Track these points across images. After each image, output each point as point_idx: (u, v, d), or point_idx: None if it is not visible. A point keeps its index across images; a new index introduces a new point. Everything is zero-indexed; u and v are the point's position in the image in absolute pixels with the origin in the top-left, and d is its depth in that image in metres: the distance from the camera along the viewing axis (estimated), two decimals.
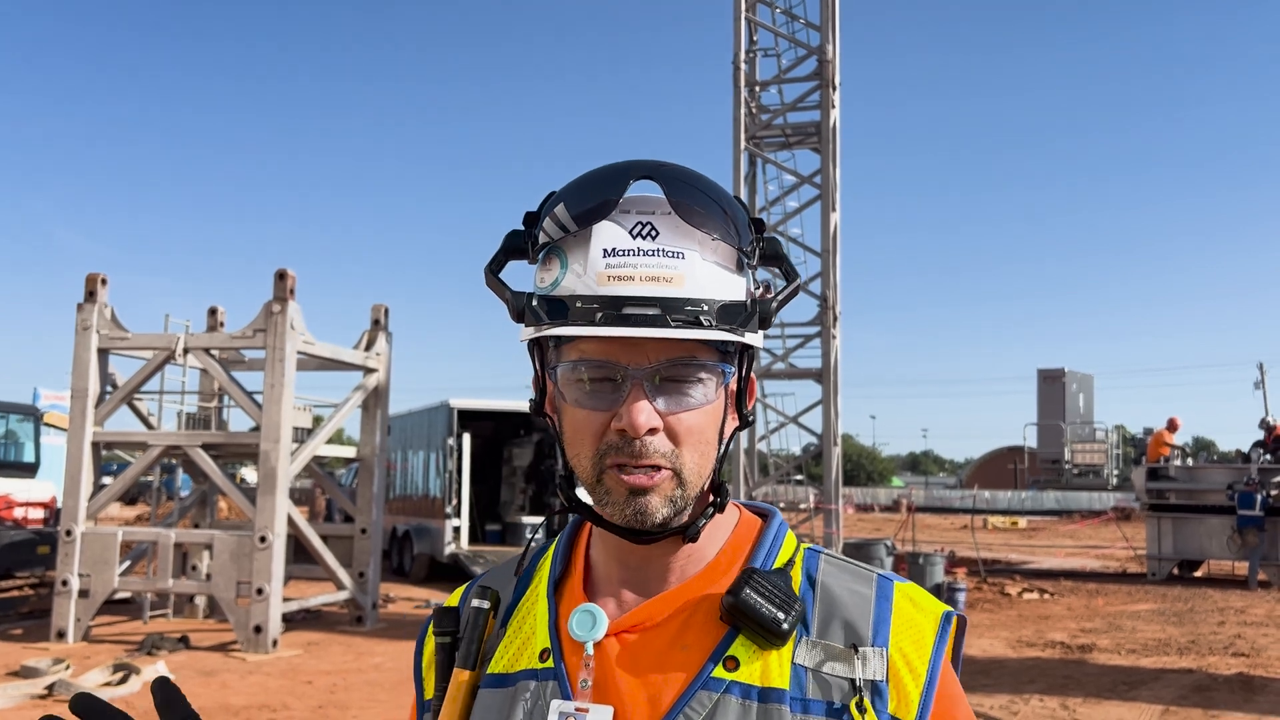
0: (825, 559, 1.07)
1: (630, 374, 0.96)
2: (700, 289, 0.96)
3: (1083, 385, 25.17)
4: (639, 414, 0.95)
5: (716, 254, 0.98)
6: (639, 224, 0.97)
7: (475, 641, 1.07)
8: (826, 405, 15.66)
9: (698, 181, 1.00)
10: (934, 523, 36.50)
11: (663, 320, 0.94)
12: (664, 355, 0.96)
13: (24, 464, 14.43)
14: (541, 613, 1.07)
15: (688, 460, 0.98)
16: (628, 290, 0.95)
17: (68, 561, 10.98)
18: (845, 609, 1.01)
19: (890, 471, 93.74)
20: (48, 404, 21.19)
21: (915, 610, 1.03)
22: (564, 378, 1.00)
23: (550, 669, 1.03)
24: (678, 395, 0.98)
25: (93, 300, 11.40)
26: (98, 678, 8.74)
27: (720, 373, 1.00)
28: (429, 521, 17.73)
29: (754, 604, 0.97)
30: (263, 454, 10.90)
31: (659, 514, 0.98)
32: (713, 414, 1.00)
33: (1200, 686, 9.17)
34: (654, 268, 0.95)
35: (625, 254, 0.96)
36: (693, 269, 0.96)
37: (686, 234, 0.97)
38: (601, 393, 0.98)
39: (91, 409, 11.33)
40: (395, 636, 11.69)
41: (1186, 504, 18.00)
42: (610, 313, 0.94)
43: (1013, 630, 12.41)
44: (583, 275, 0.97)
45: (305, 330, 11.39)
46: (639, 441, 0.96)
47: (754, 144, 16.71)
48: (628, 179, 0.98)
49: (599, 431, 0.98)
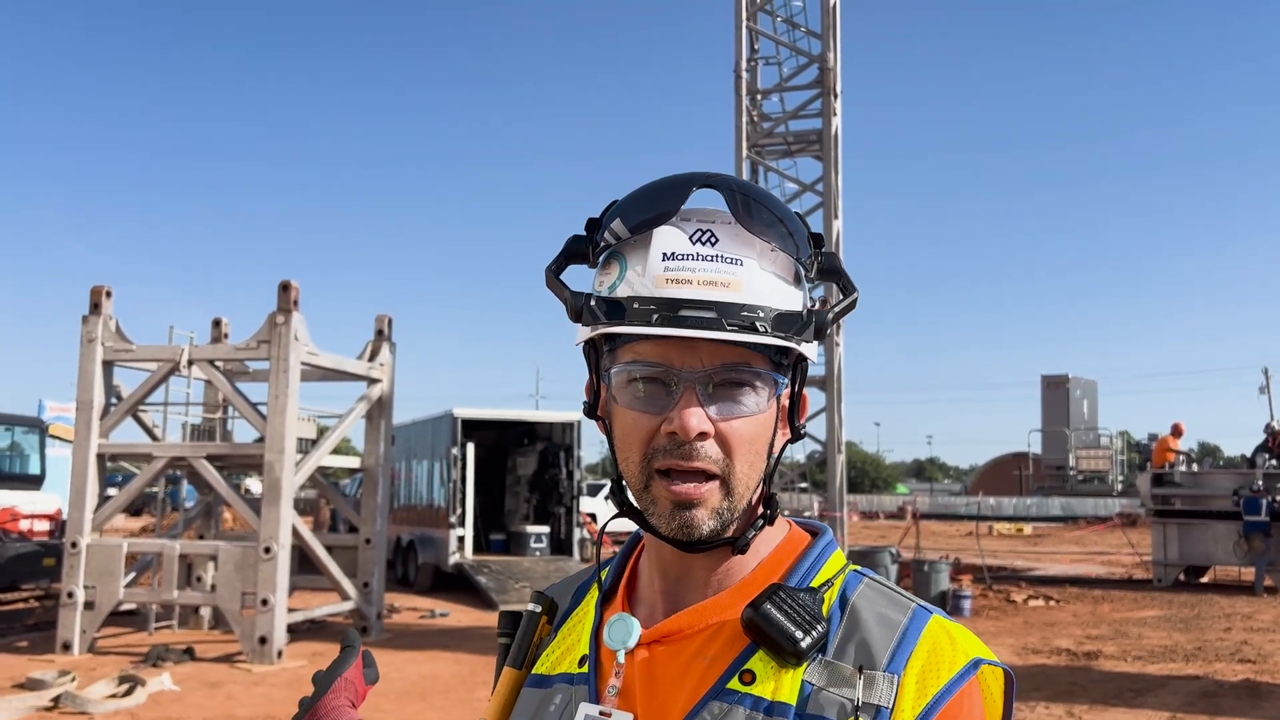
0: (868, 583, 1.04)
1: (684, 376, 0.97)
2: (757, 296, 0.97)
3: (1087, 391, 25.08)
4: (690, 417, 0.96)
5: (775, 264, 0.99)
6: (699, 230, 0.99)
7: (525, 643, 1.12)
8: (830, 412, 15.66)
9: (759, 193, 1.01)
10: (939, 530, 36.44)
11: (718, 323, 0.94)
12: (719, 359, 0.97)
13: (29, 476, 14.46)
14: (588, 621, 1.11)
15: (738, 469, 0.99)
16: (685, 293, 0.96)
17: (73, 573, 11.00)
18: (866, 632, 0.99)
19: (895, 478, 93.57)
20: (53, 416, 21.25)
21: (946, 644, 0.98)
22: (617, 381, 1.01)
23: (584, 674, 1.06)
24: (730, 402, 0.98)
25: (98, 312, 11.43)
26: (103, 690, 8.75)
27: (774, 383, 1.00)
28: (433, 531, 17.73)
29: (773, 619, 0.96)
30: (267, 465, 10.92)
31: (705, 526, 0.99)
32: (764, 424, 1.00)
33: (1207, 693, 9.15)
34: (712, 272, 0.96)
35: (684, 258, 0.97)
36: (750, 276, 0.97)
37: (746, 242, 0.98)
38: (654, 396, 0.99)
39: (97, 421, 11.36)
40: (400, 647, 11.68)
41: (1192, 510, 17.96)
42: (666, 314, 0.95)
43: (1018, 637, 12.39)
44: (641, 278, 0.98)
45: (309, 341, 11.42)
46: (689, 445, 0.97)
47: (756, 152, 16.74)
48: (689, 188, 0.99)
49: (649, 435, 0.99)
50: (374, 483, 12.96)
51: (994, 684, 1.00)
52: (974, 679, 0.98)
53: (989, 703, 1.00)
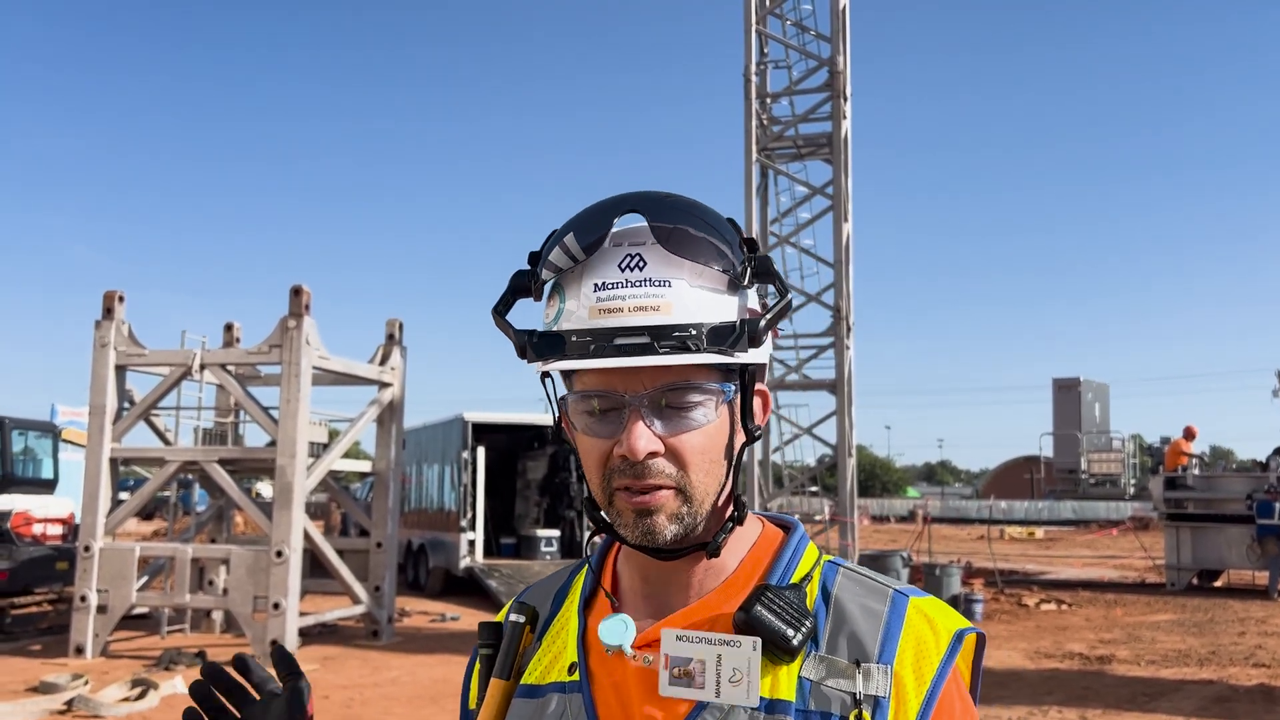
0: (844, 573, 1.09)
1: (628, 401, 1.00)
2: (689, 314, 0.99)
3: (1098, 394, 24.99)
4: (637, 439, 0.99)
5: (705, 279, 1.00)
6: (628, 256, 1.01)
7: (511, 653, 1.12)
8: (840, 416, 15.62)
9: (685, 209, 1.02)
10: (950, 533, 36.33)
11: (651, 348, 0.97)
12: (659, 380, 1.00)
13: (43, 480, 14.52)
14: (572, 628, 1.13)
15: (694, 479, 1.02)
16: (618, 321, 0.99)
17: (86, 577, 11.05)
18: (855, 624, 1.03)
19: (906, 482, 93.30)
20: (65, 420, 21.33)
21: (927, 627, 1.04)
22: (572, 408, 1.05)
23: (576, 682, 1.08)
24: (678, 418, 1.01)
25: (110, 317, 11.49)
26: (116, 693, 8.77)
27: (720, 392, 1.02)
28: (444, 535, 17.76)
29: (765, 620, 1.00)
30: (279, 469, 10.95)
31: (667, 531, 1.02)
32: (715, 432, 1.03)
33: (1221, 698, 9.10)
34: (641, 298, 0.99)
35: (614, 286, 1.00)
36: (680, 296, 0.99)
37: (674, 263, 1.00)
38: (606, 420, 1.02)
39: (109, 425, 11.41)
40: (411, 650, 11.70)
41: (1205, 513, 17.86)
42: (602, 344, 0.98)
43: (1031, 641, 12.34)
44: (578, 310, 1.01)
45: (320, 345, 11.45)
46: (641, 464, 1.00)
47: (765, 156, 16.73)
48: (615, 214, 1.02)
49: (604, 457, 1.03)
50: (385, 486, 12.99)
51: (969, 647, 1.06)
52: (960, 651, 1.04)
53: (964, 665, 1.07)
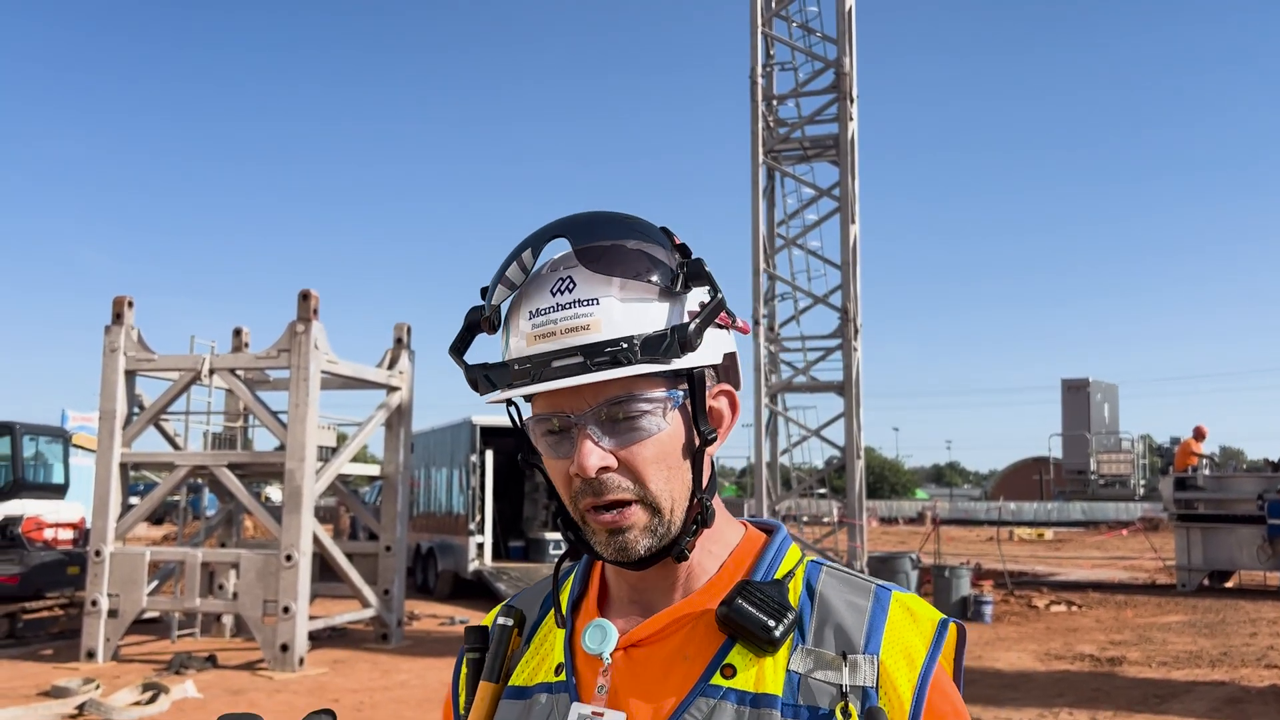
0: (826, 571, 1.11)
1: (574, 420, 1.03)
2: (617, 329, 1.00)
3: (1107, 395, 24.90)
4: (586, 457, 1.01)
5: (635, 291, 1.02)
6: (559, 280, 1.03)
7: (499, 656, 1.14)
8: (848, 418, 15.61)
9: (611, 224, 1.05)
10: (959, 535, 36.24)
11: (585, 366, 0.99)
12: (601, 396, 1.02)
13: (53, 485, 14.57)
14: (559, 631, 1.15)
15: (654, 489, 1.03)
16: (553, 345, 1.01)
17: (97, 582, 11.09)
18: (840, 617, 1.05)
19: (914, 484, 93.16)
20: (75, 425, 21.42)
21: (910, 619, 1.06)
22: (534, 433, 1.08)
23: (562, 682, 1.10)
24: (627, 431, 1.03)
25: (120, 322, 11.53)
26: (127, 697, 8.81)
27: (666, 399, 1.04)
28: (452, 538, 17.78)
29: (745, 613, 1.02)
30: (288, 473, 10.98)
31: (640, 546, 1.04)
32: (669, 439, 1.04)
33: (1233, 699, 9.06)
34: (571, 319, 1.01)
35: (547, 312, 1.02)
36: (609, 312, 1.00)
37: (601, 280, 1.01)
38: (561, 442, 1.05)
39: (120, 430, 11.45)
40: (421, 654, 11.71)
41: (1216, 514, 17.79)
42: (539, 369, 1.01)
43: (1041, 643, 12.30)
44: (517, 339, 1.05)
45: (329, 349, 11.48)
46: (596, 480, 1.02)
47: (772, 158, 16.74)
48: (543, 241, 1.05)
49: (567, 479, 1.05)
50: (394, 490, 13.01)
51: (951, 638, 1.08)
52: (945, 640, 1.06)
53: (946, 657, 1.08)
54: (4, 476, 13.81)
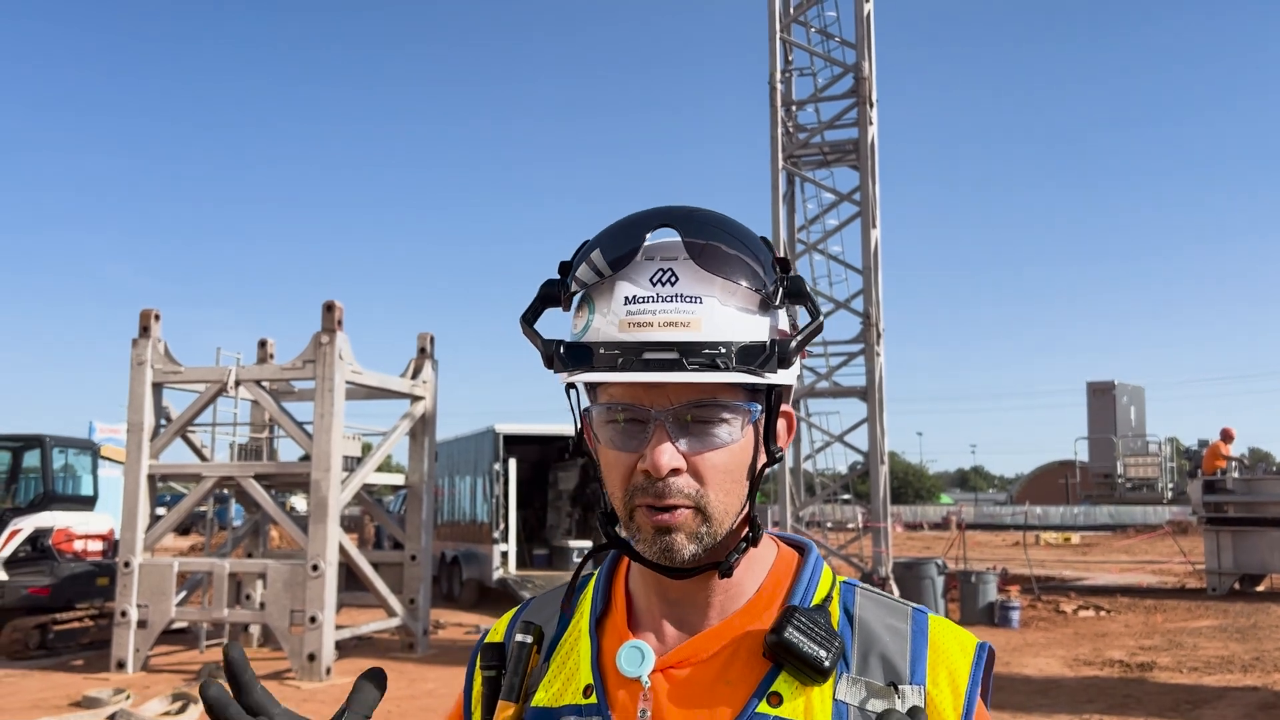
0: (861, 593, 1.10)
1: (653, 416, 0.99)
2: (718, 332, 0.98)
3: (1134, 397, 24.69)
4: (661, 455, 0.98)
5: (737, 297, 1.00)
6: (660, 270, 1.00)
7: (519, 675, 1.10)
8: (872, 423, 15.55)
9: (719, 226, 1.02)
10: (985, 540, 36.00)
11: (679, 364, 0.96)
12: (686, 397, 0.99)
13: (83, 497, 14.71)
14: (585, 649, 1.10)
15: (713, 498, 1.01)
16: (647, 336, 0.97)
17: (126, 592, 11.19)
18: (883, 645, 1.04)
19: (939, 488, 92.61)
20: (103, 437, 21.62)
21: (951, 645, 1.05)
22: (596, 420, 1.04)
23: (594, 705, 1.06)
24: (702, 435, 1.00)
25: (147, 335, 11.65)
26: (157, 707, 8.88)
27: (746, 412, 1.01)
28: (477, 547, 17.82)
29: (797, 642, 1.00)
30: (314, 483, 11.04)
31: (685, 550, 1.01)
32: (739, 453, 1.02)
33: (1266, 705, 8.95)
34: (672, 313, 0.98)
35: (645, 300, 0.99)
36: (711, 313, 0.98)
37: (705, 279, 0.99)
38: (630, 434, 1.01)
39: (147, 442, 11.56)
40: (447, 662, 11.74)
41: (1246, 516, 17.59)
42: (630, 358, 0.97)
43: (1069, 649, 12.20)
44: (606, 322, 1.00)
45: (353, 360, 11.55)
46: (662, 483, 0.99)
47: (792, 163, 16.73)
48: (649, 227, 1.01)
49: (627, 471, 1.02)
50: (418, 499, 13.06)
51: (987, 662, 1.08)
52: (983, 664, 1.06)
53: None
54: (34, 488, 13.95)
